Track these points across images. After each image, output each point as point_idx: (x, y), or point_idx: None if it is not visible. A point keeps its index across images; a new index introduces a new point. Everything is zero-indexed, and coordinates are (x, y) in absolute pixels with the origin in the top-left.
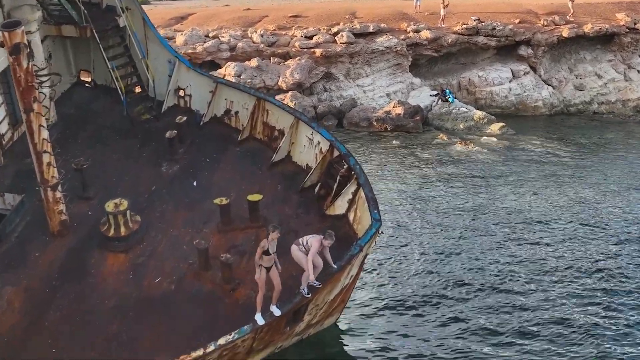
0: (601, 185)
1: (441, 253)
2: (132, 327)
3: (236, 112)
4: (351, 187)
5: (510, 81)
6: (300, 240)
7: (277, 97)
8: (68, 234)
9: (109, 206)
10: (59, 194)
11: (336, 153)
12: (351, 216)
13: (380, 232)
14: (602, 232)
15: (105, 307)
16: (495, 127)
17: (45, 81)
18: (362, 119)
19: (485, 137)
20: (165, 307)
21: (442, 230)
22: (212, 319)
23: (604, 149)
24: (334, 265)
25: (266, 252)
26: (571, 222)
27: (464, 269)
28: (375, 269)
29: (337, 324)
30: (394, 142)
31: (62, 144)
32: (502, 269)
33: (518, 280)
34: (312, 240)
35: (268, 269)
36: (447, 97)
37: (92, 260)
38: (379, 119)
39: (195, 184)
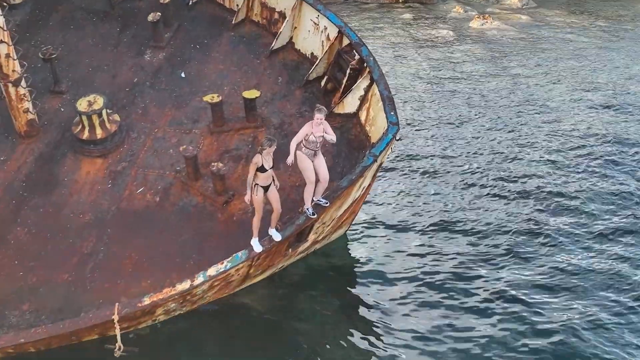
0: (632, 65)
1: (456, 148)
2: (111, 246)
3: None
4: (363, 82)
5: None
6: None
7: None
8: (37, 134)
9: (82, 104)
10: (22, 90)
11: (346, 41)
12: (363, 115)
13: (397, 138)
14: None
15: (80, 222)
16: None
17: None
18: None
19: (504, 11)
20: (148, 223)
21: (459, 121)
22: (203, 236)
23: (634, 23)
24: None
25: (261, 169)
26: (602, 106)
27: (482, 169)
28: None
29: (346, 234)
30: (405, 15)
31: (31, 27)
32: (527, 168)
33: (540, 186)
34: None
35: (265, 188)
36: None
37: (64, 166)
38: None
39: (183, 75)
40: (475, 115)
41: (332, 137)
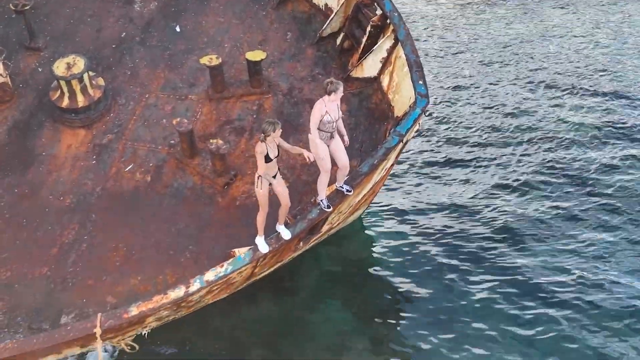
0: None
1: (484, 122)
2: (95, 235)
3: None
4: (386, 43)
5: None
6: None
7: None
8: (10, 100)
9: (59, 68)
10: None
11: None
12: (385, 81)
13: (426, 113)
14: None
15: (60, 206)
16: None
17: None
18: None
19: None
20: (138, 207)
21: (490, 85)
22: (201, 224)
23: None
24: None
25: (266, 159)
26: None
27: (511, 147)
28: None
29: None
30: None
31: None
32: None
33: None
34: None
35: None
36: None
37: (42, 138)
38: None
39: (178, 29)
40: (510, 80)
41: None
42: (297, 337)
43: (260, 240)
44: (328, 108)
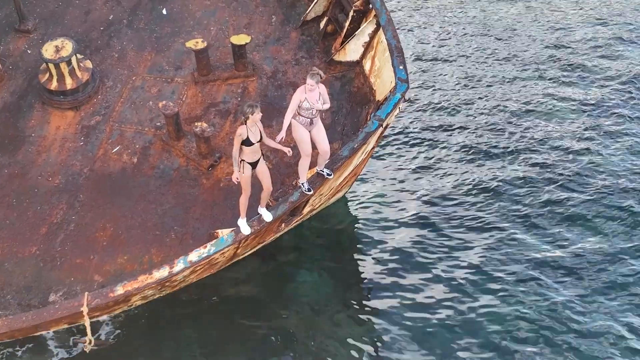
0: None
1: (469, 107)
2: (83, 215)
3: None
4: (368, 28)
5: None
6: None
7: None
8: (0, 82)
9: (48, 51)
10: None
11: None
12: (367, 65)
13: (406, 98)
14: None
15: (49, 186)
16: None
17: None
18: None
19: None
20: (125, 188)
21: (475, 69)
22: (186, 205)
23: None
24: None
25: (247, 142)
26: None
27: (495, 133)
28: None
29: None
30: None
31: None
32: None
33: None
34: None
35: (253, 164)
36: None
37: (31, 119)
38: None
39: (164, 12)
40: (491, 61)
41: (326, 105)
42: (277, 298)
43: (242, 222)
44: (308, 95)
